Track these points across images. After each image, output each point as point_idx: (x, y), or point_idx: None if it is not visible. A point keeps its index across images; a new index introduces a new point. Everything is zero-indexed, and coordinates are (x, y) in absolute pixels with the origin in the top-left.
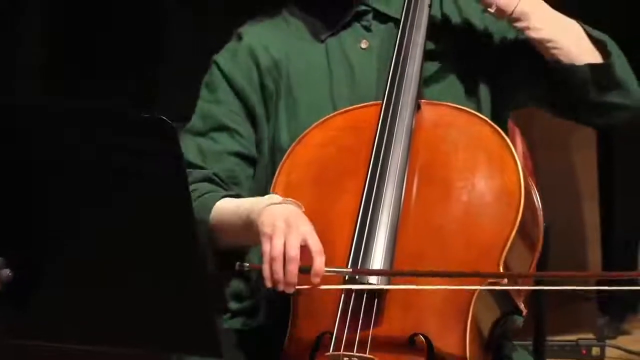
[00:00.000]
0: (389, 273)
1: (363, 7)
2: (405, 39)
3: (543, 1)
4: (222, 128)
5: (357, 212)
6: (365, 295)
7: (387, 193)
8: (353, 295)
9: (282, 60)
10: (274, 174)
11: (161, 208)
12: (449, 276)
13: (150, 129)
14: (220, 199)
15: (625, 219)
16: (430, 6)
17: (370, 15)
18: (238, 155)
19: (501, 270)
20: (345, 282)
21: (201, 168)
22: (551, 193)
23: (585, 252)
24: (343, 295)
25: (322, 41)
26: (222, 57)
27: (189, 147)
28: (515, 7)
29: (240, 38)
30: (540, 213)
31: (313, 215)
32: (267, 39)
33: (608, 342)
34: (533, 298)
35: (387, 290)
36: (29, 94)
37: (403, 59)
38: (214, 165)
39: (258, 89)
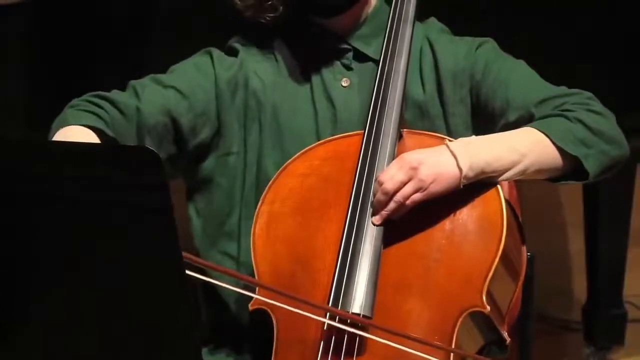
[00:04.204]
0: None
1: (345, 46)
2: (387, 67)
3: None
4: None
5: (339, 241)
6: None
7: (369, 221)
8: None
9: (269, 88)
10: (258, 198)
11: (148, 243)
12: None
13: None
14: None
15: (610, 248)
16: (412, 36)
17: (350, 54)
18: (168, 114)
19: (484, 298)
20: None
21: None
22: (536, 222)
23: (571, 281)
24: (326, 324)
25: (306, 78)
26: (217, 53)
27: (145, 84)
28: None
29: (235, 53)
30: (523, 242)
31: (296, 244)
32: (258, 65)
33: None
34: (519, 327)
35: (369, 318)
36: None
37: (384, 88)
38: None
39: (241, 106)
